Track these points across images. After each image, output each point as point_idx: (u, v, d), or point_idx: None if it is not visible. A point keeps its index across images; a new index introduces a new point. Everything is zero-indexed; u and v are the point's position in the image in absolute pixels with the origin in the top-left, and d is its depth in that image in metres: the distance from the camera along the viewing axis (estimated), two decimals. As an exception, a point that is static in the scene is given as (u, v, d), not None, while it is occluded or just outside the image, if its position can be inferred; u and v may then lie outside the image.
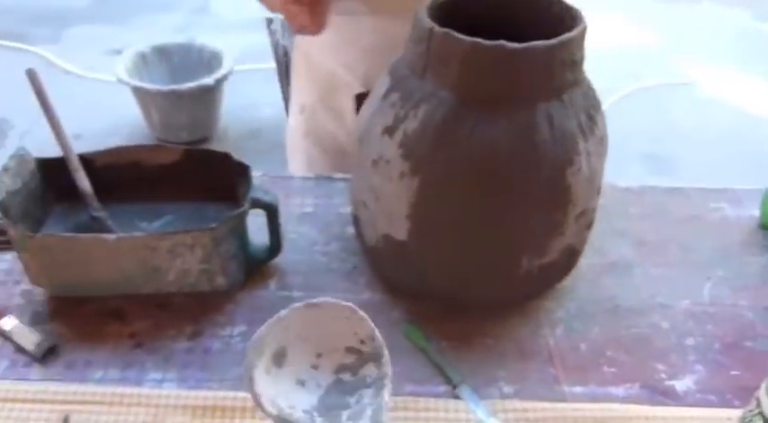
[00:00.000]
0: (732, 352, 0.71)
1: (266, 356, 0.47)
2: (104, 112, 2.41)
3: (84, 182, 0.75)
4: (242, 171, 0.76)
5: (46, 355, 0.68)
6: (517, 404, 0.63)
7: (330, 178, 0.94)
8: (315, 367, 0.49)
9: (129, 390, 0.64)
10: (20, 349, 0.69)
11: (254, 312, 0.74)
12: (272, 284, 0.77)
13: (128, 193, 0.80)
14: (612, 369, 0.68)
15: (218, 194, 0.80)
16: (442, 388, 0.66)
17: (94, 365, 0.68)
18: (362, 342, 0.48)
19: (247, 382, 0.46)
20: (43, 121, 0.71)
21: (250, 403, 0.63)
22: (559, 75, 0.62)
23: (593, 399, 0.65)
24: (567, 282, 0.78)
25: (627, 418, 0.62)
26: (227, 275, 0.73)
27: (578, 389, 0.66)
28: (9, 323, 0.70)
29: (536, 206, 0.64)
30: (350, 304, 0.48)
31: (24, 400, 0.63)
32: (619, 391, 0.66)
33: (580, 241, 0.72)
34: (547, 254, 0.68)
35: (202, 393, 0.64)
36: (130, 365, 0.68)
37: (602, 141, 0.68)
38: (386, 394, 0.46)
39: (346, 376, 0.49)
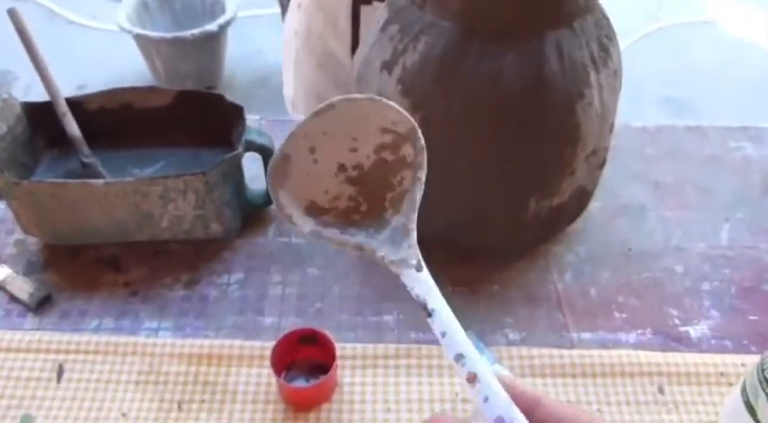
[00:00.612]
0: (750, 296, 0.68)
1: (295, 165, 0.43)
2: (108, 62, 2.36)
3: (72, 126, 0.72)
4: (236, 113, 0.72)
5: (40, 305, 0.67)
6: (524, 351, 0.61)
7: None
8: (354, 150, 0.45)
9: (123, 339, 0.63)
10: (14, 299, 0.67)
11: (252, 260, 0.71)
12: (271, 231, 0.75)
13: (120, 139, 0.77)
14: (623, 315, 0.65)
15: (213, 139, 0.77)
16: (446, 335, 0.64)
17: (89, 315, 0.66)
18: (395, 123, 0.44)
19: (276, 211, 0.42)
20: (52, 72, 0.68)
21: (247, 352, 0.62)
22: (570, 0, 0.57)
23: (603, 345, 0.62)
24: (578, 225, 0.74)
25: (638, 364, 0.60)
26: (223, 222, 0.70)
27: (587, 335, 0.63)
28: (2, 273, 0.68)
29: (544, 144, 0.60)
30: (369, 95, 0.44)
31: (18, 350, 0.62)
32: (629, 337, 0.63)
33: (591, 182, 0.69)
34: (556, 195, 0.64)
35: (198, 342, 0.62)
36: (125, 314, 0.66)
37: (616, 74, 0.63)
38: (419, 190, 0.42)
39: (387, 155, 0.45)
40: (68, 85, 0.71)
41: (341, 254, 0.71)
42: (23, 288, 0.67)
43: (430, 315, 0.37)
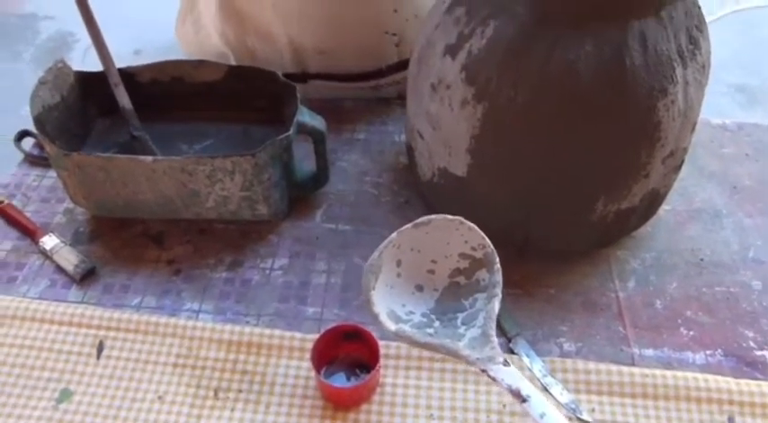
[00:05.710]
0: (835, 320, 0.62)
1: (384, 273, 0.48)
2: (166, 27, 2.37)
3: (124, 98, 0.70)
4: (289, 91, 0.69)
5: (84, 277, 0.66)
6: (579, 364, 0.57)
7: (386, 101, 0.86)
8: (431, 272, 0.50)
9: (164, 319, 0.61)
10: (59, 269, 0.67)
11: (297, 244, 0.69)
12: (318, 216, 0.72)
13: (171, 112, 0.75)
14: (691, 332, 0.60)
15: (264, 116, 0.74)
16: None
17: (132, 291, 0.65)
18: (474, 249, 0.48)
19: (366, 304, 0.47)
20: (108, 35, 0.66)
21: (287, 343, 0.59)
22: (660, -15, 0.51)
23: (667, 365, 0.58)
24: (645, 229, 0.69)
25: (706, 390, 0.55)
26: (270, 204, 0.68)
27: (649, 352, 0.59)
28: (50, 242, 0.68)
29: (619, 143, 0.55)
30: (458, 217, 0.48)
31: (61, 323, 0.62)
32: (697, 357, 0.58)
33: (665, 185, 0.63)
34: (626, 198, 0.59)
35: (238, 328, 0.60)
36: (167, 293, 0.65)
37: (704, 69, 0.57)
38: (496, 303, 0.46)
39: (461, 279, 0.49)
40: (125, 50, 0.70)
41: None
42: (69, 259, 0.66)
43: (525, 400, 0.40)
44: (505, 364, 0.42)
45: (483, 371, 0.43)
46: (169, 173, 0.64)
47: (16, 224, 0.71)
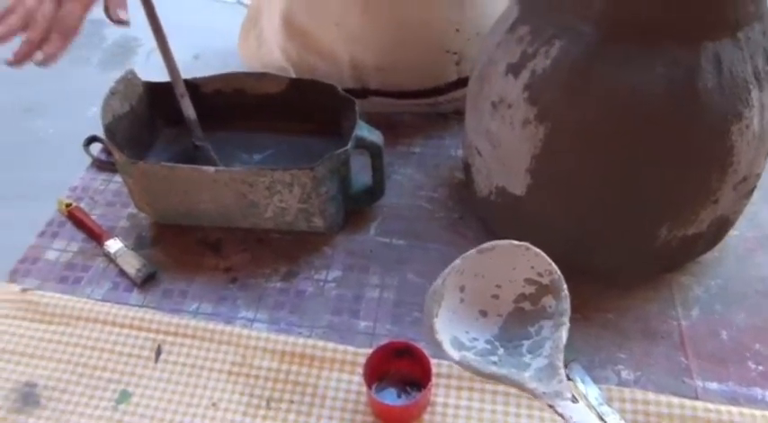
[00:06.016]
0: None
1: (446, 300, 0.47)
2: (224, 32, 2.42)
3: (189, 109, 0.72)
4: (348, 105, 0.70)
5: (145, 282, 0.68)
6: (637, 394, 0.55)
7: (444, 116, 0.86)
8: (495, 297, 0.49)
9: (220, 326, 0.63)
10: (122, 273, 0.69)
11: (351, 257, 0.69)
12: (373, 229, 0.72)
13: (232, 122, 0.77)
14: (760, 367, 0.58)
15: (323, 128, 0.75)
16: (550, 364, 0.59)
17: (190, 296, 0.67)
18: (540, 275, 0.47)
19: (428, 332, 0.46)
20: (170, 39, 0.68)
21: (340, 356, 0.60)
22: (736, 4, 0.49)
23: (732, 400, 0.55)
24: (711, 254, 0.66)
25: (774, 429, 0.52)
26: (326, 217, 0.68)
27: (714, 385, 0.56)
28: (114, 246, 0.70)
29: (688, 168, 0.53)
30: (524, 243, 0.46)
31: (122, 325, 0.64)
32: (767, 394, 0.56)
33: (735, 211, 0.61)
34: (692, 224, 0.57)
35: (292, 339, 0.61)
36: (224, 300, 0.66)
37: (782, 91, 0.55)
38: (564, 332, 0.45)
39: (526, 305, 0.48)
40: (185, 55, 0.72)
41: (442, 261, 0.67)
42: (132, 263, 0.69)
43: None
44: (574, 400, 0.41)
45: (550, 406, 0.42)
46: (230, 184, 0.65)
47: (83, 227, 0.74)
